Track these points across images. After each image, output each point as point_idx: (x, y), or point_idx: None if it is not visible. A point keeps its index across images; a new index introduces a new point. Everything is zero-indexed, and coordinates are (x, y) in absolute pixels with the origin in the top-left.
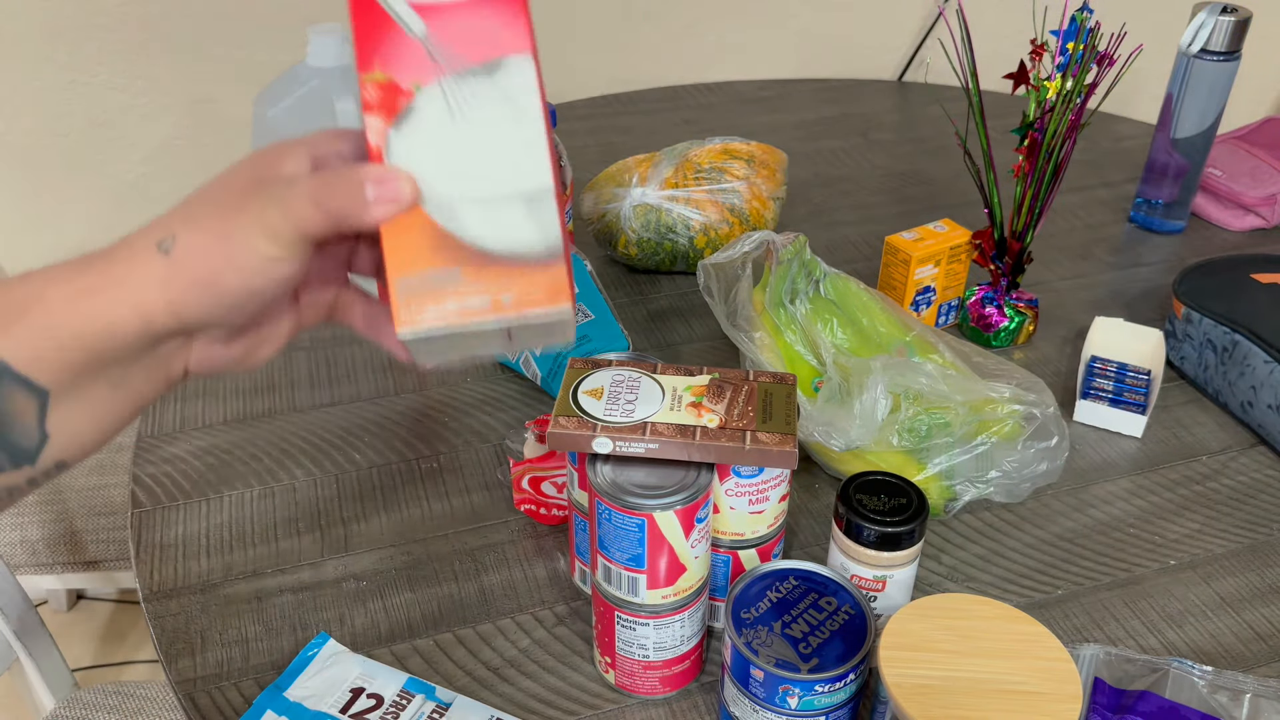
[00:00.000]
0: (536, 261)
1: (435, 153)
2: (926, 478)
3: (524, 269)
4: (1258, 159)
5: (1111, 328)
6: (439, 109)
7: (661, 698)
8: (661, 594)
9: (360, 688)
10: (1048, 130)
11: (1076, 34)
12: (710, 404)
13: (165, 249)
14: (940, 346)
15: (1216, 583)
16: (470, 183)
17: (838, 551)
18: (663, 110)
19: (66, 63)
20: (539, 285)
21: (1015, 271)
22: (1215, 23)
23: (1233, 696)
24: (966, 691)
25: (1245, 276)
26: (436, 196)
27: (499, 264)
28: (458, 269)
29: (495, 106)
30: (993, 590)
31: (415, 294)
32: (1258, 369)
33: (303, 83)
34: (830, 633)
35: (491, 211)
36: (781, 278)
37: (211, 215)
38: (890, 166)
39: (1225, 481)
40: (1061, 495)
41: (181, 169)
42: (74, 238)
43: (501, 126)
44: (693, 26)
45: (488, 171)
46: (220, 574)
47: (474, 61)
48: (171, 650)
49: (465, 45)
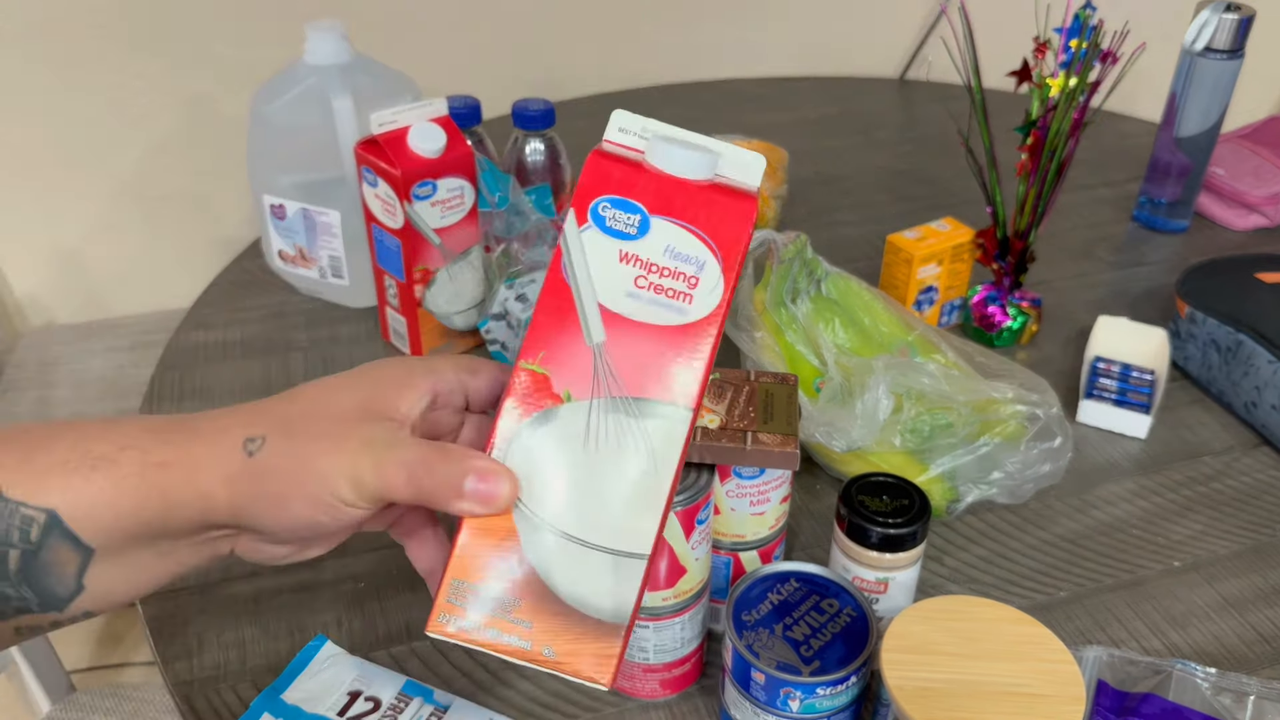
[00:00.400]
0: (596, 625)
1: (554, 469)
2: (929, 479)
3: (581, 628)
4: (1261, 158)
5: (1115, 327)
6: (579, 427)
7: (662, 701)
8: (661, 596)
9: (358, 690)
10: (1051, 128)
11: (1080, 31)
12: (711, 404)
13: (250, 451)
14: (943, 346)
15: (1220, 584)
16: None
17: (839, 553)
18: (663, 108)
19: (64, 61)
20: (587, 650)
21: (1018, 271)
22: (1219, 21)
23: (1236, 699)
24: (969, 694)
25: (1249, 276)
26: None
27: (558, 610)
28: (518, 599)
29: (635, 449)
30: (995, 592)
31: (463, 600)
32: (1262, 369)
33: (300, 80)
34: (832, 635)
35: (579, 556)
36: (783, 277)
37: (306, 435)
38: (892, 165)
39: (1229, 482)
40: (1065, 496)
41: (179, 167)
42: (72, 237)
43: (631, 474)
44: (693, 24)
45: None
46: (218, 575)
47: (636, 393)
48: (168, 652)
49: (635, 373)
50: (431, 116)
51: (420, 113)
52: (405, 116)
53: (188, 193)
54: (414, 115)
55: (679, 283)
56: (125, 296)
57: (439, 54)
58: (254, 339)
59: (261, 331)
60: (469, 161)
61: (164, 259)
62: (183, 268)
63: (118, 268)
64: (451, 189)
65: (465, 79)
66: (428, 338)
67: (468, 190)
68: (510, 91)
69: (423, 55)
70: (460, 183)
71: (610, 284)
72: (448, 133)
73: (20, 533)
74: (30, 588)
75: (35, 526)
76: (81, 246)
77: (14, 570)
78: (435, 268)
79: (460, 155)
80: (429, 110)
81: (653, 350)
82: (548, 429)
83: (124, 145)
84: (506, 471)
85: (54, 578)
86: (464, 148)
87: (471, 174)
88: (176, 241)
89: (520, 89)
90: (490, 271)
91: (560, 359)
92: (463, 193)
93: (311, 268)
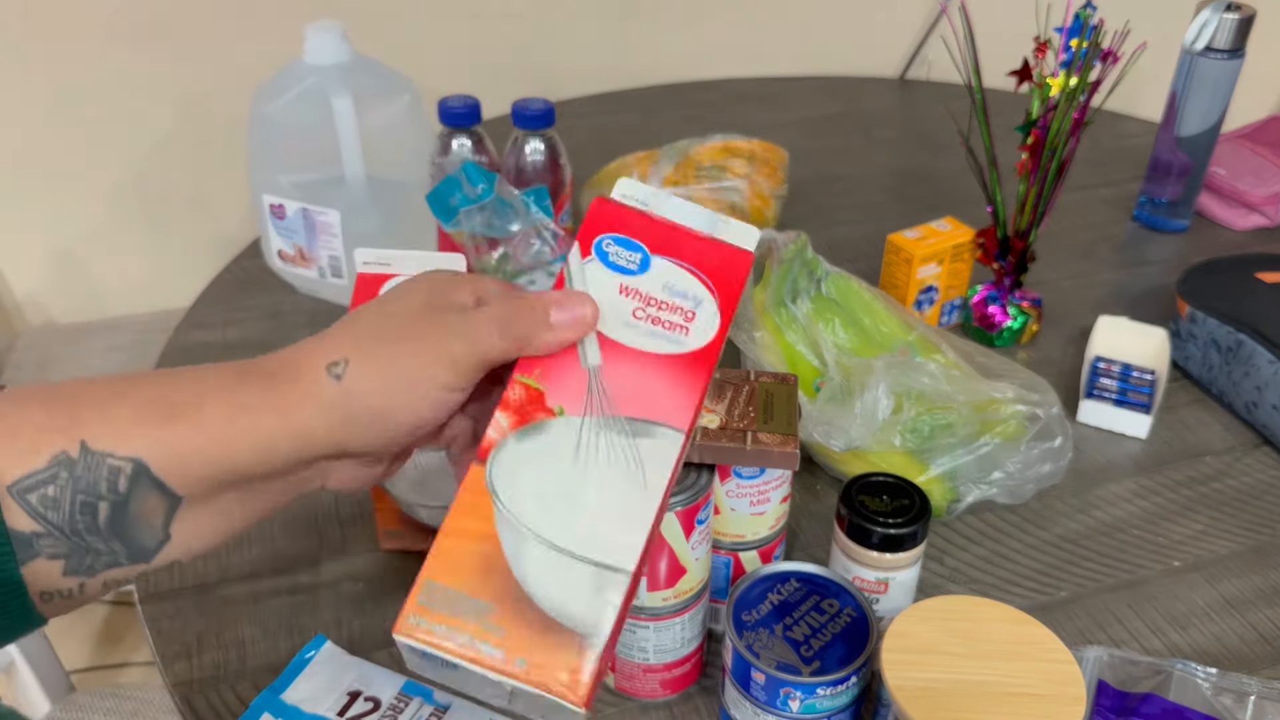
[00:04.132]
0: (572, 639)
1: (541, 479)
2: (929, 479)
3: (556, 641)
4: (1262, 157)
5: (1115, 327)
6: (570, 441)
7: (662, 701)
8: (662, 596)
9: (358, 690)
10: (1051, 128)
11: (1080, 31)
12: (711, 404)
13: (337, 375)
14: (943, 346)
15: (1221, 584)
16: (556, 526)
17: (840, 553)
18: (663, 107)
19: (64, 61)
20: (561, 666)
21: (1019, 270)
22: (1219, 21)
23: (1237, 699)
24: (969, 694)
25: (1250, 276)
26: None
27: (534, 619)
28: (492, 605)
29: (623, 467)
30: (996, 592)
31: (435, 605)
32: (1262, 369)
33: (300, 80)
34: (832, 635)
35: (560, 565)
36: (783, 277)
37: (386, 343)
38: (892, 164)
39: (1230, 482)
40: (1065, 496)
41: (179, 167)
42: (71, 237)
43: (619, 489)
44: (694, 23)
45: (580, 523)
46: (217, 576)
47: (628, 413)
48: (168, 652)
49: (629, 395)
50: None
51: (414, 263)
52: (398, 263)
53: (187, 193)
54: (407, 263)
55: (676, 316)
56: (124, 296)
57: (439, 54)
58: (253, 339)
59: (261, 331)
60: None
61: (163, 259)
62: (182, 267)
63: (117, 267)
64: None
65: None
66: None
67: None
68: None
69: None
70: None
71: (609, 313)
72: None
73: (108, 484)
74: (119, 540)
75: (123, 477)
76: (81, 246)
77: (104, 523)
78: None
79: None
80: (425, 261)
81: (648, 376)
82: (539, 441)
83: (124, 145)
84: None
85: (142, 528)
86: None
87: None
88: (176, 241)
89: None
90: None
91: (556, 376)
92: None
93: (311, 267)
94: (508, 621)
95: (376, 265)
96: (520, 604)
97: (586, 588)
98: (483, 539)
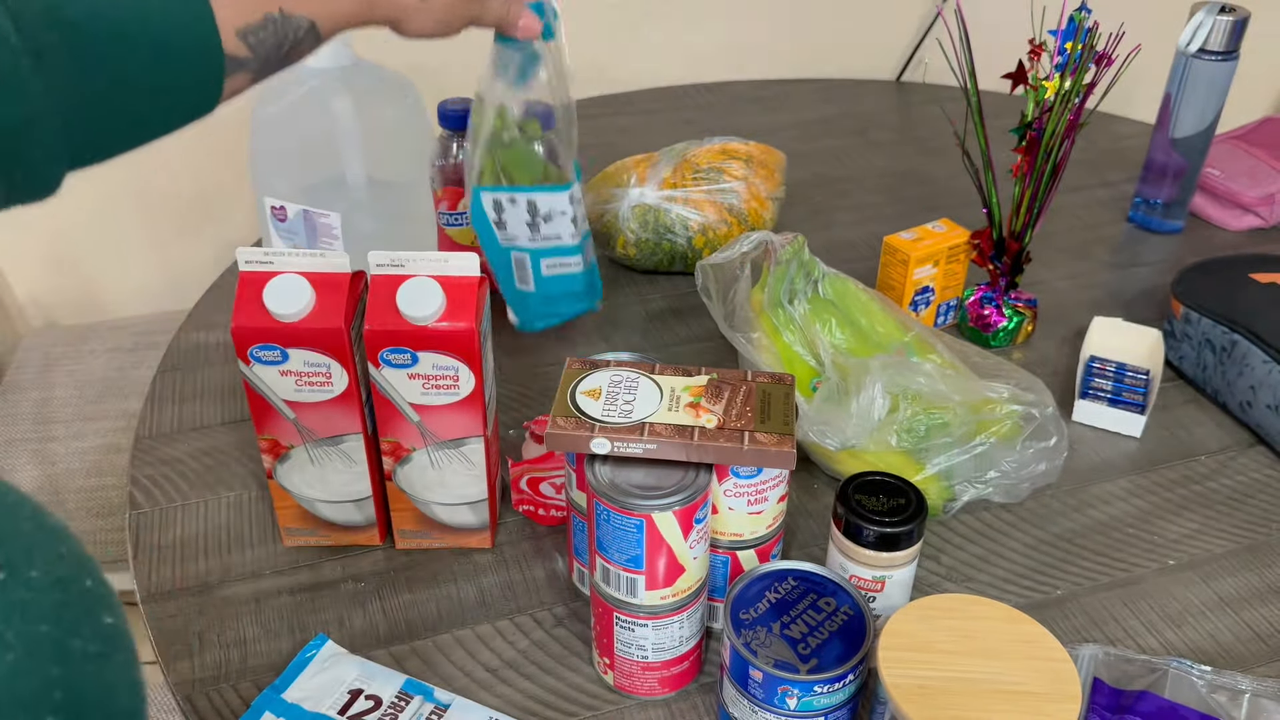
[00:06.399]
0: (475, 530)
1: (422, 476)
2: (925, 478)
3: (465, 533)
4: (1256, 159)
5: (1110, 328)
6: (425, 461)
7: (660, 699)
8: (660, 595)
9: (359, 689)
10: (1046, 130)
11: (1075, 34)
12: (708, 404)
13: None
14: (939, 346)
15: (1215, 583)
16: (439, 492)
17: (836, 552)
18: (661, 110)
19: None
20: (473, 540)
21: (1014, 271)
22: (1213, 22)
23: (1231, 696)
24: (965, 692)
25: (1244, 276)
26: (420, 498)
27: (450, 529)
28: (427, 532)
29: (460, 463)
30: (992, 590)
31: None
32: (1256, 369)
33: (301, 83)
34: (829, 633)
35: (454, 506)
36: (780, 278)
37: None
38: (889, 166)
39: (1224, 481)
40: (1060, 495)
41: (180, 169)
42: (73, 239)
43: (461, 474)
44: (691, 26)
45: (452, 489)
46: (218, 575)
47: (446, 437)
48: (169, 652)
49: (442, 428)
50: (315, 270)
51: (303, 261)
52: (280, 260)
53: (189, 194)
54: (290, 261)
55: (446, 380)
56: (126, 298)
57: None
58: None
59: None
60: (340, 340)
61: (165, 260)
62: (184, 269)
63: (119, 269)
64: (314, 364)
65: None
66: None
67: (339, 372)
68: None
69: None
70: (327, 362)
71: (408, 391)
72: (322, 296)
73: (294, 35)
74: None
75: (302, 30)
76: (83, 248)
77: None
78: (289, 443)
79: (329, 330)
80: (313, 263)
81: (447, 416)
82: (412, 461)
83: None
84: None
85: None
86: (336, 322)
87: (345, 357)
88: (178, 243)
89: None
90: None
91: (400, 433)
92: (329, 371)
93: None
94: (441, 534)
95: (259, 264)
96: (442, 526)
97: (469, 511)
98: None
